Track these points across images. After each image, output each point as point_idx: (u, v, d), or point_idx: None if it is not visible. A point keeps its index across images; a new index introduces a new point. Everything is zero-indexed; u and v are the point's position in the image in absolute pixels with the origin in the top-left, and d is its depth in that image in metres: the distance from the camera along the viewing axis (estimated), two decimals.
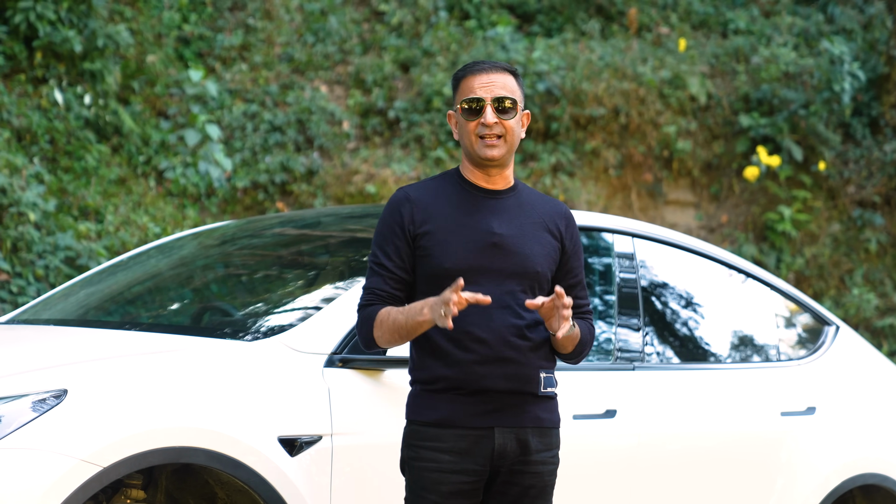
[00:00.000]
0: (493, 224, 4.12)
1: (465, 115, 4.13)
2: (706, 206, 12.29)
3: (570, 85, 12.05)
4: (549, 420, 4.17)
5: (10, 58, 10.56)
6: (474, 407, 4.07)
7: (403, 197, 4.19)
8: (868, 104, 12.43)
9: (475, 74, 4.14)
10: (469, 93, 4.13)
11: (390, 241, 4.14)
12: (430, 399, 4.11)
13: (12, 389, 4.17)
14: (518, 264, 4.10)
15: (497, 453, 4.08)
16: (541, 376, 4.12)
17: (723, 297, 6.21)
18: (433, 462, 4.07)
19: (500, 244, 4.10)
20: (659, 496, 5.44)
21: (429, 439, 4.08)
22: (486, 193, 4.18)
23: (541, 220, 4.19)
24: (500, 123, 4.11)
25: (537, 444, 4.12)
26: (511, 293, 4.08)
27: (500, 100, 4.11)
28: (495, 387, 4.06)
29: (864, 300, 11.58)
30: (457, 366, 4.06)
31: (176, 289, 5.90)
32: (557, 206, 4.27)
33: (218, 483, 4.45)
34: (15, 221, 9.48)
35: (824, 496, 5.93)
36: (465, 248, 4.08)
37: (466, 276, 4.02)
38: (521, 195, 4.22)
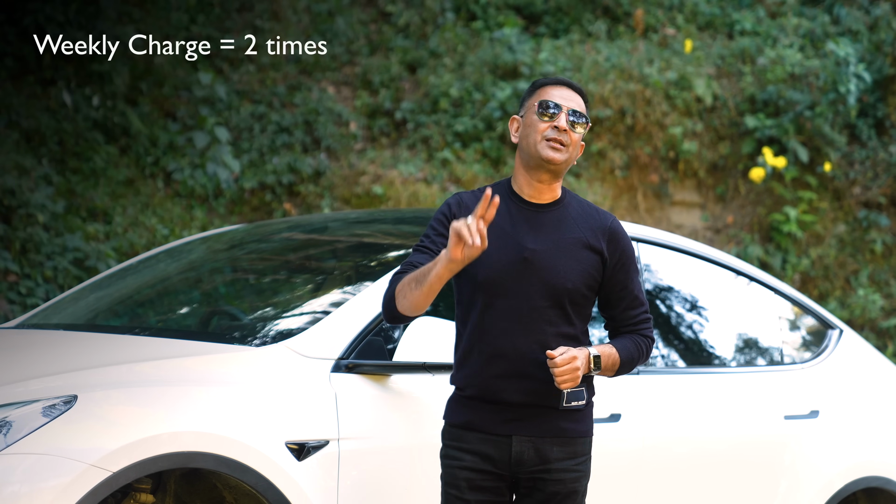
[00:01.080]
0: (528, 239, 4.18)
1: (540, 115, 4.21)
2: (712, 206, 12.31)
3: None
4: (573, 430, 4.22)
5: (19, 59, 10.60)
6: (495, 415, 4.19)
7: (456, 198, 4.28)
8: (874, 105, 12.44)
9: (558, 86, 4.27)
10: (548, 97, 4.24)
11: (436, 230, 4.23)
12: (460, 403, 4.25)
13: (23, 395, 4.21)
14: (548, 280, 4.15)
15: (514, 460, 4.18)
16: (564, 392, 4.17)
17: (726, 301, 6.24)
18: (457, 460, 4.21)
19: (531, 259, 4.16)
20: (663, 499, 5.47)
21: (455, 439, 4.24)
22: (529, 206, 4.25)
23: (581, 235, 4.23)
24: (568, 133, 4.19)
25: (558, 454, 4.19)
26: (539, 309, 4.15)
27: (577, 113, 4.22)
28: (512, 400, 4.16)
29: (870, 301, 11.59)
30: (479, 377, 4.18)
31: (185, 293, 5.94)
32: (603, 219, 4.29)
33: (226, 487, 4.49)
34: (24, 223, 9.52)
35: (828, 499, 5.96)
36: (497, 261, 4.15)
37: (496, 288, 4.14)
38: (567, 209, 4.27)
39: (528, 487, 4.21)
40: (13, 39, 10.46)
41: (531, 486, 4.20)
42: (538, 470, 4.18)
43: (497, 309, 4.15)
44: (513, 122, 4.32)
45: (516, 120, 4.31)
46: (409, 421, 4.76)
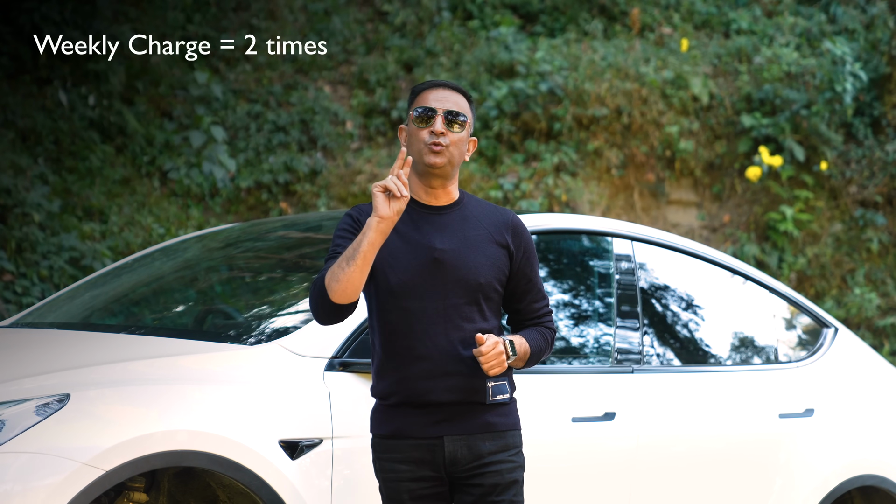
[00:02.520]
0: (436, 239, 4.21)
1: (416, 122, 4.25)
2: (708, 205, 12.31)
3: (573, 85, 12.08)
4: (502, 423, 4.25)
5: (15, 58, 10.60)
6: (424, 418, 4.19)
7: (357, 210, 4.30)
8: (870, 104, 12.45)
9: (432, 89, 4.30)
10: (423, 102, 4.27)
11: (345, 237, 4.22)
12: (386, 413, 4.24)
13: (16, 394, 4.22)
14: (461, 278, 4.19)
15: (448, 460, 4.18)
16: (489, 385, 4.20)
17: (721, 299, 6.24)
18: (393, 472, 4.21)
19: (441, 259, 4.19)
20: (658, 498, 5.47)
21: (387, 451, 4.23)
22: (429, 210, 4.28)
23: (486, 231, 4.27)
24: (447, 134, 4.22)
25: (491, 447, 4.21)
26: (455, 307, 4.18)
27: (452, 113, 4.24)
28: (440, 399, 4.17)
29: (866, 300, 11.60)
30: (404, 381, 4.18)
31: (180, 292, 5.94)
32: (504, 215, 4.35)
33: (219, 486, 4.49)
34: (19, 222, 9.52)
35: (823, 497, 5.96)
36: (408, 265, 4.18)
37: (411, 292, 4.16)
38: (466, 208, 4.31)
39: (465, 485, 4.20)
40: (9, 39, 10.45)
41: (468, 482, 4.20)
42: (473, 466, 4.18)
43: (413, 311, 4.17)
44: (401, 132, 4.36)
45: (403, 129, 4.35)
46: None
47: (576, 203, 11.62)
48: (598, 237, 5.75)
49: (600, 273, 5.71)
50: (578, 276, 5.74)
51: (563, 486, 5.20)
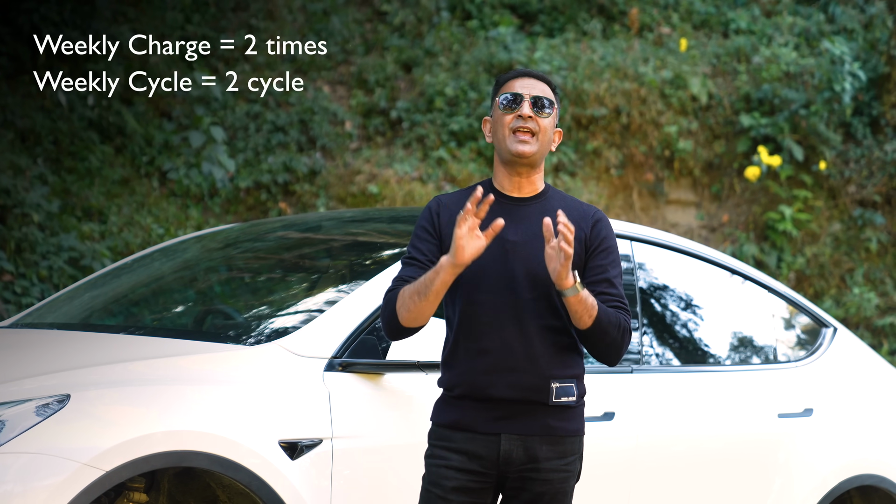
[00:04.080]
0: (509, 232, 4.15)
1: (503, 108, 4.21)
2: (707, 205, 12.32)
3: (572, 85, 12.08)
4: (562, 429, 4.18)
5: (14, 58, 10.60)
6: (484, 413, 4.14)
7: (435, 202, 4.28)
8: (869, 104, 12.46)
9: (520, 78, 4.26)
10: (509, 89, 4.23)
11: (422, 240, 4.23)
12: (448, 403, 4.21)
13: (16, 394, 4.22)
14: (530, 270, 4.12)
15: (503, 459, 4.13)
16: (552, 386, 4.13)
17: (720, 299, 6.25)
18: (443, 459, 4.16)
19: (511, 251, 4.14)
20: (657, 498, 5.47)
21: (442, 439, 4.19)
22: (510, 201, 4.23)
23: None
24: (535, 119, 4.18)
25: (547, 453, 4.15)
26: (524, 301, 4.11)
27: (539, 98, 4.20)
28: (501, 395, 4.12)
29: (865, 299, 11.60)
30: (468, 373, 4.14)
31: (179, 292, 5.94)
32: (587, 209, 4.27)
33: (219, 486, 4.49)
34: (19, 222, 9.53)
35: (822, 497, 5.96)
36: (481, 256, 4.08)
37: (481, 283, 4.11)
38: (550, 201, 4.25)
39: (515, 488, 4.17)
40: (8, 39, 10.45)
41: (518, 485, 4.16)
42: (526, 469, 4.14)
43: (481, 304, 4.12)
44: (485, 123, 4.32)
45: (488, 121, 4.31)
46: (402, 419, 4.76)
47: None
48: None
49: None
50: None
51: None
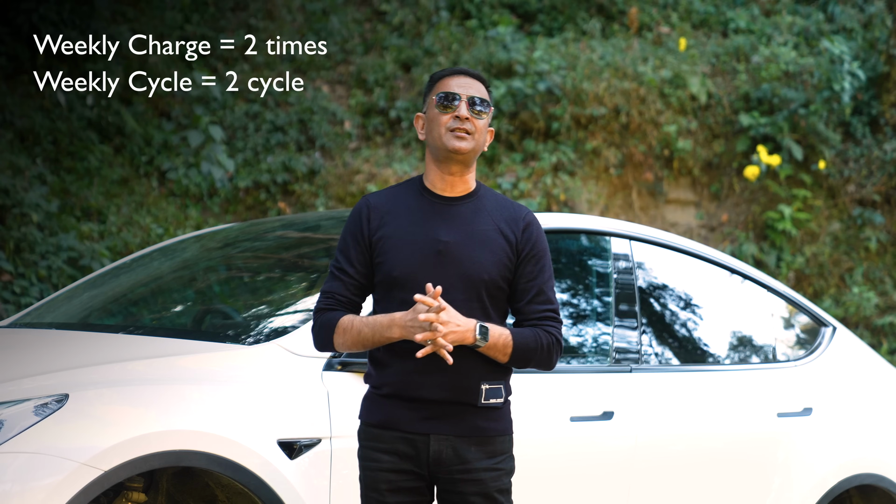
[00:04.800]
0: (441, 232, 4.12)
1: (440, 107, 4.16)
2: (707, 205, 12.32)
3: (571, 84, 12.08)
4: (491, 429, 4.14)
5: (13, 58, 10.60)
6: (413, 412, 4.10)
7: (364, 204, 4.22)
8: (868, 103, 12.45)
9: (455, 76, 4.22)
10: (446, 88, 4.19)
11: (351, 248, 4.17)
12: (377, 402, 4.15)
13: (15, 394, 4.22)
14: (464, 272, 4.09)
15: (433, 459, 4.09)
16: (482, 388, 4.10)
17: (719, 299, 6.25)
18: (375, 462, 4.12)
19: (444, 252, 4.10)
20: (656, 497, 5.47)
21: (372, 439, 4.14)
22: (441, 200, 4.19)
23: (495, 226, 4.16)
24: (471, 120, 4.15)
25: (476, 454, 4.10)
26: (456, 302, 4.06)
27: (475, 99, 4.17)
28: (432, 396, 4.08)
29: (864, 298, 11.60)
30: (398, 374, 4.09)
31: (178, 291, 5.94)
32: (518, 210, 4.23)
33: (218, 486, 4.50)
34: (18, 222, 9.52)
35: (821, 496, 5.96)
36: (412, 256, 4.09)
37: (413, 283, 4.06)
38: (481, 201, 4.21)
39: (447, 490, 4.12)
40: (7, 39, 10.45)
41: (450, 488, 4.11)
42: (457, 471, 4.09)
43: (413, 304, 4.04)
44: (418, 120, 4.26)
45: (420, 117, 4.25)
46: None
47: (574, 202, 11.62)
48: (596, 236, 5.75)
49: (598, 272, 5.72)
50: (577, 275, 5.74)
51: (562, 485, 5.20)
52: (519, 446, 4.92)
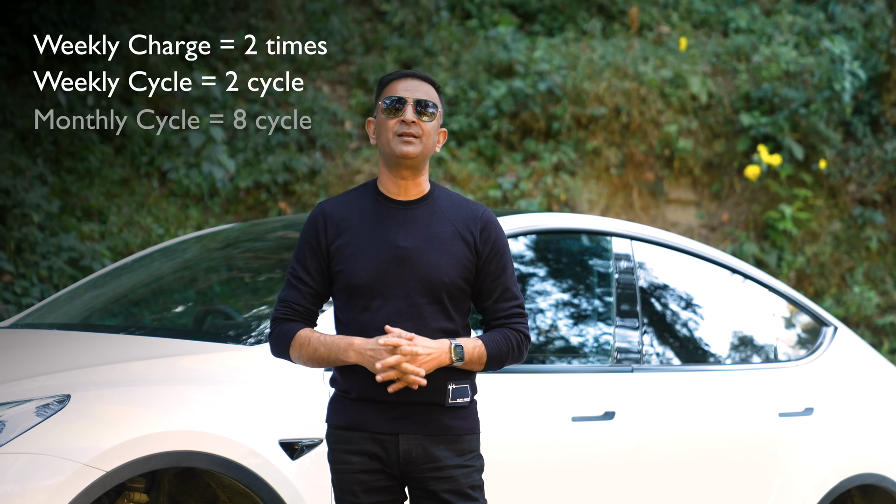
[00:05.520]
0: (399, 237, 4.12)
1: (386, 112, 4.15)
2: (707, 204, 12.31)
3: (572, 84, 12.08)
4: (459, 427, 4.15)
5: (13, 58, 10.60)
6: (381, 413, 4.10)
7: (319, 212, 4.21)
8: (869, 103, 12.45)
9: (402, 79, 4.20)
10: (392, 93, 4.17)
11: (307, 257, 4.17)
12: (343, 404, 4.16)
13: (16, 395, 4.22)
14: (423, 277, 4.09)
15: (403, 459, 4.10)
16: (449, 388, 4.11)
17: (721, 298, 6.25)
18: (345, 464, 4.13)
19: (403, 257, 4.10)
20: (657, 497, 5.47)
21: (341, 441, 4.14)
22: (396, 205, 4.18)
23: (453, 228, 4.17)
24: (418, 124, 4.13)
25: (445, 452, 4.11)
26: (416, 306, 4.08)
27: (422, 102, 4.15)
28: (399, 398, 4.08)
29: (865, 298, 11.60)
30: (366, 379, 4.09)
31: (179, 292, 5.94)
32: (474, 210, 4.23)
33: (220, 486, 4.50)
34: (18, 222, 9.53)
35: (822, 496, 5.96)
36: (371, 263, 4.09)
37: (374, 290, 4.08)
38: (436, 202, 4.21)
39: (419, 489, 4.13)
40: (7, 39, 10.45)
41: (423, 486, 4.12)
42: (428, 469, 4.10)
43: (375, 310, 4.08)
44: (369, 125, 4.26)
45: (371, 122, 4.25)
46: None
47: (575, 202, 11.62)
48: (597, 236, 5.75)
49: (599, 272, 5.72)
50: (578, 275, 5.74)
51: (563, 485, 5.20)
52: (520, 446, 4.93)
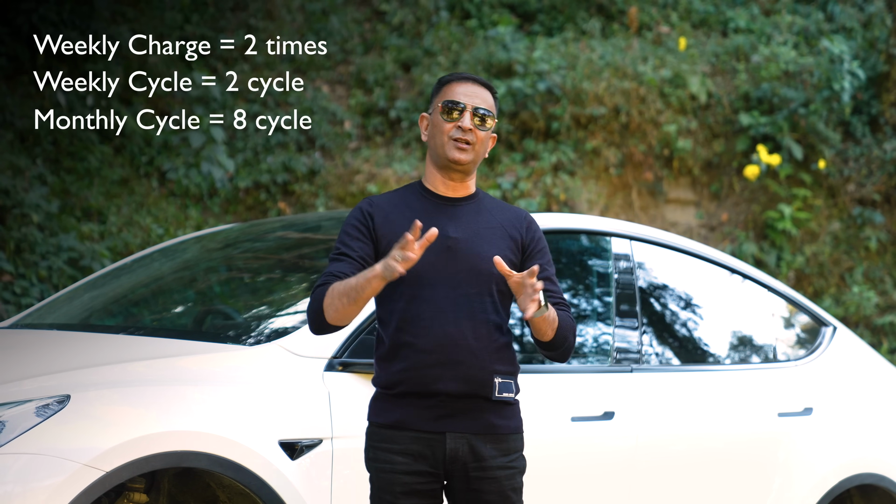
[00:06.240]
0: (449, 228, 4.15)
1: (444, 115, 4.18)
2: (707, 204, 12.32)
3: (571, 84, 12.08)
4: (504, 426, 4.17)
5: (13, 58, 10.60)
6: (427, 411, 4.10)
7: (367, 203, 4.24)
8: (868, 102, 12.45)
9: (462, 82, 4.23)
10: (452, 96, 4.20)
11: (353, 236, 4.18)
12: (389, 402, 4.15)
13: (16, 395, 4.23)
14: (473, 266, 4.13)
15: (449, 458, 4.11)
16: (496, 381, 4.13)
17: (720, 298, 6.25)
18: (388, 463, 4.11)
19: (453, 247, 4.13)
20: (657, 497, 5.48)
21: (384, 440, 4.13)
22: (444, 201, 4.22)
23: (499, 224, 4.22)
24: (474, 132, 4.16)
25: (491, 451, 4.13)
26: (466, 296, 4.10)
27: (480, 110, 4.19)
28: (447, 389, 4.08)
29: (865, 298, 11.60)
30: (412, 370, 4.09)
31: (179, 292, 5.95)
32: (518, 211, 4.31)
33: (219, 486, 4.50)
34: (18, 223, 9.53)
35: (821, 496, 5.97)
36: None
37: (423, 280, 4.09)
38: (482, 203, 4.27)
39: (461, 489, 4.14)
40: (7, 39, 10.45)
41: (464, 486, 4.13)
42: (473, 468, 4.11)
43: (425, 299, 4.09)
44: (422, 120, 4.28)
45: (426, 118, 4.27)
46: None
47: (574, 202, 11.62)
48: (596, 236, 5.75)
49: (599, 272, 5.72)
50: (577, 275, 5.74)
51: (563, 485, 5.20)
52: None
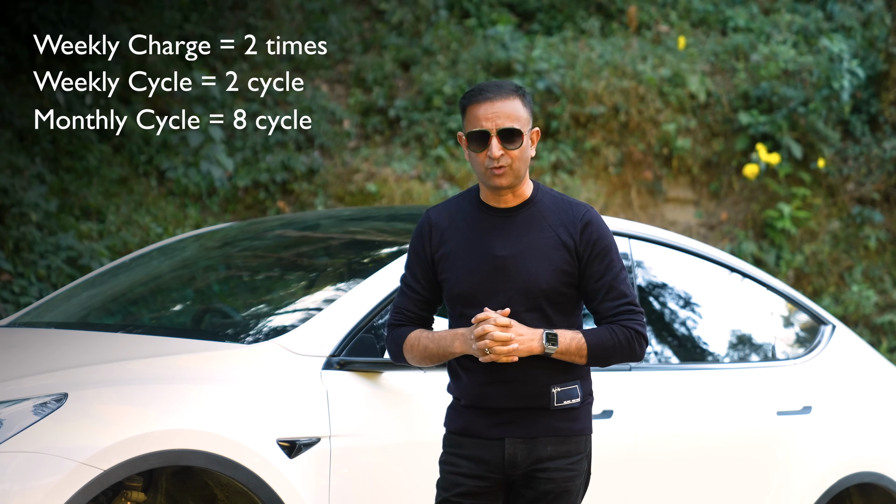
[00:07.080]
0: (497, 246, 4.15)
1: (472, 146, 4.13)
2: (706, 203, 12.31)
3: (570, 83, 12.08)
4: (566, 429, 4.20)
5: (12, 58, 10.59)
6: (488, 419, 4.20)
7: (425, 221, 4.27)
8: (867, 101, 12.45)
9: (480, 103, 4.12)
10: (475, 124, 4.12)
11: (416, 265, 4.27)
12: (457, 411, 4.28)
13: (14, 393, 4.22)
14: (521, 285, 4.12)
15: (508, 462, 4.18)
16: (553, 391, 4.15)
17: (719, 297, 6.24)
18: (453, 466, 4.23)
19: (501, 267, 4.14)
20: (656, 496, 5.47)
21: (453, 445, 4.26)
22: (496, 213, 4.20)
23: (553, 233, 4.16)
24: (506, 154, 4.10)
25: (552, 452, 4.18)
26: (516, 314, 4.11)
27: (506, 131, 4.10)
28: (501, 405, 4.17)
29: (864, 297, 11.60)
30: (468, 386, 4.20)
31: (177, 291, 5.94)
32: (576, 211, 4.20)
33: (217, 485, 4.49)
34: (17, 222, 9.52)
35: (820, 495, 5.96)
36: (471, 273, 4.15)
37: (472, 299, 4.15)
38: (537, 206, 4.20)
39: (521, 486, 4.21)
40: (6, 39, 10.45)
41: (524, 484, 4.20)
42: (530, 469, 4.18)
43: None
44: (461, 139, 4.23)
45: (463, 139, 4.21)
46: (400, 418, 4.77)
47: None
48: None
49: None
50: None
51: None
52: None
